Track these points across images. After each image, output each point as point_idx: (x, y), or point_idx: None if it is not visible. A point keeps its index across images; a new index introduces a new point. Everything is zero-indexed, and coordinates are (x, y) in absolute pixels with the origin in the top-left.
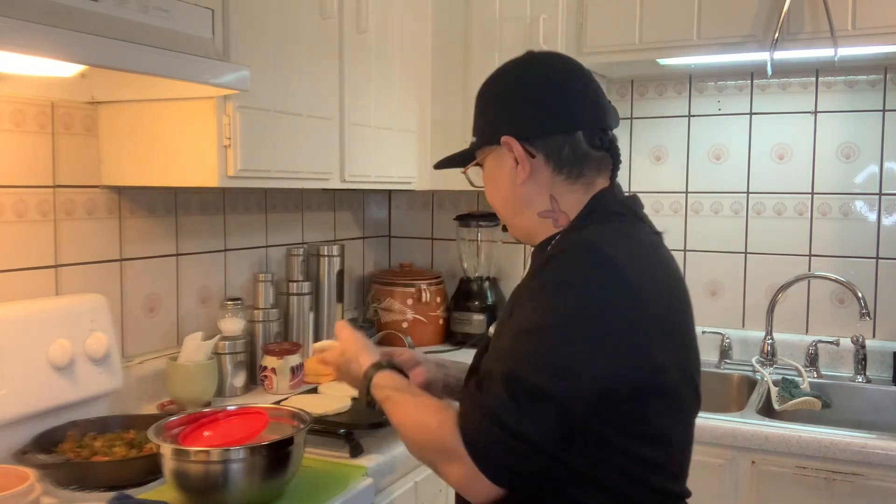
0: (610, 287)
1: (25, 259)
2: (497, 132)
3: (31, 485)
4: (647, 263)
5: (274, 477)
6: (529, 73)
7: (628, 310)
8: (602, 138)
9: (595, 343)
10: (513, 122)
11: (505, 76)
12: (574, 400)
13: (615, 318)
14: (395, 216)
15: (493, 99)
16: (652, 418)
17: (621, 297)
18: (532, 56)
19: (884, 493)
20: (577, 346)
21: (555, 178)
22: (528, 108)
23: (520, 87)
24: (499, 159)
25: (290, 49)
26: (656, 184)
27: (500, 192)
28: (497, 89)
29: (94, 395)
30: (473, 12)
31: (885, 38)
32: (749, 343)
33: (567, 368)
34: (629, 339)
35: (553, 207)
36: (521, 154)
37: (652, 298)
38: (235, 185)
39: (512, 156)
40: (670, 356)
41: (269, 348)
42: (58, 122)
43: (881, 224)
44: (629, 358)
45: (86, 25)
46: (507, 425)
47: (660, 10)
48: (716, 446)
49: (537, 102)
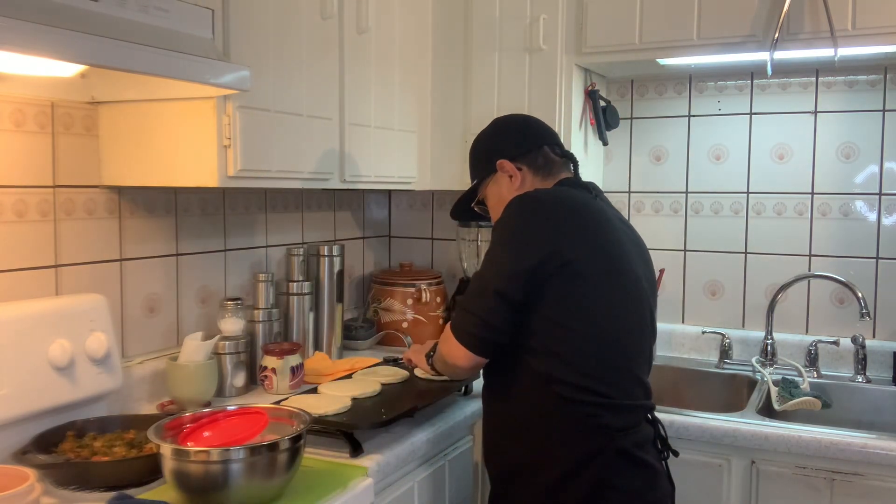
0: (523, 209)
1: (25, 259)
2: (492, 162)
3: (31, 485)
4: (563, 196)
5: (274, 477)
6: (500, 121)
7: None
8: (560, 149)
9: (516, 247)
10: (501, 150)
11: (484, 133)
12: (506, 286)
13: (530, 225)
14: (395, 216)
15: (480, 145)
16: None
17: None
18: (500, 118)
19: (884, 493)
20: (507, 252)
21: (534, 179)
22: (510, 139)
23: (497, 130)
24: (497, 182)
25: (290, 49)
26: (656, 184)
27: (504, 202)
28: (482, 139)
29: (94, 395)
30: (473, 12)
31: (885, 38)
32: (749, 343)
33: (501, 267)
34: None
35: None
36: (513, 168)
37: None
38: (235, 185)
39: (507, 173)
40: (577, 253)
41: (269, 348)
42: (58, 122)
43: (881, 224)
44: (541, 253)
45: (86, 25)
46: (469, 309)
47: (660, 10)
48: (715, 446)
49: (513, 134)
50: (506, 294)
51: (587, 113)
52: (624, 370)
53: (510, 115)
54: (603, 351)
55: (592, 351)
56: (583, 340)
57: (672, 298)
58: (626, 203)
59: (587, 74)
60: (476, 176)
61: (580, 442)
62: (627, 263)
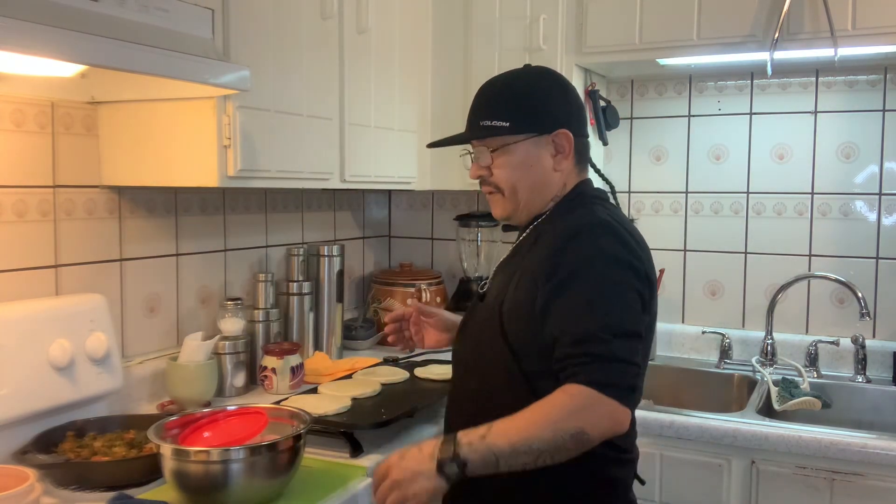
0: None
1: (25, 259)
2: (552, 124)
3: (31, 485)
4: (634, 234)
5: (274, 477)
6: (568, 84)
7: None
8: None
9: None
10: (568, 118)
11: (546, 83)
12: (641, 329)
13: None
14: (395, 216)
15: (538, 95)
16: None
17: (633, 258)
18: (554, 71)
19: (884, 493)
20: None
21: (573, 170)
22: (576, 112)
23: (570, 93)
24: (537, 147)
25: (290, 49)
26: (656, 184)
27: (531, 176)
28: (543, 89)
29: (94, 395)
30: (473, 12)
31: (885, 38)
32: (749, 343)
33: (631, 313)
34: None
35: (561, 194)
36: (571, 146)
37: (644, 259)
38: (235, 185)
39: (552, 146)
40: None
41: (269, 348)
42: (58, 122)
43: (881, 224)
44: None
45: (86, 25)
46: (622, 358)
47: (660, 10)
48: (716, 446)
49: (580, 109)
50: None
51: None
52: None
53: (567, 80)
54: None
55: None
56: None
57: (672, 298)
58: (626, 203)
59: (587, 74)
60: (511, 120)
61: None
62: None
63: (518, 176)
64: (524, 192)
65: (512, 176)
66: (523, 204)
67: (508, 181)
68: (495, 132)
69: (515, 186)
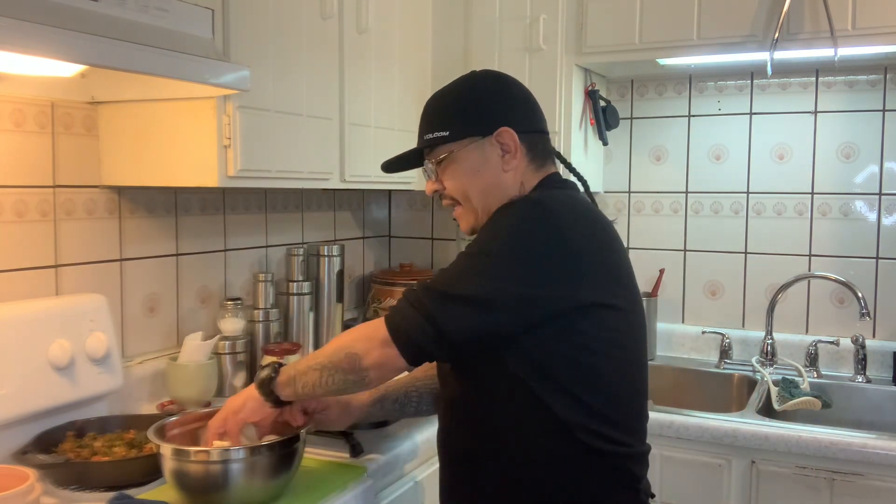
0: (539, 223)
1: (25, 259)
2: (492, 124)
3: (31, 485)
4: (581, 214)
5: (274, 477)
6: (509, 81)
7: (552, 241)
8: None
9: (522, 267)
10: (508, 116)
11: (481, 83)
12: (493, 295)
13: (539, 245)
14: (395, 216)
15: (474, 95)
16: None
17: (548, 233)
18: (496, 72)
19: (884, 493)
20: (507, 267)
21: (527, 168)
22: (521, 108)
23: (503, 87)
24: (481, 150)
25: (290, 49)
26: (656, 184)
27: (481, 181)
28: (479, 89)
29: (94, 395)
30: (473, 12)
31: (885, 38)
32: (749, 343)
33: (494, 284)
34: (555, 267)
35: (520, 192)
36: (517, 144)
37: (579, 237)
38: (235, 185)
39: (498, 146)
40: (591, 284)
41: (269, 348)
42: (58, 122)
43: (881, 224)
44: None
45: (86, 25)
46: (428, 312)
47: (660, 10)
48: (715, 446)
49: (526, 103)
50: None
51: (587, 113)
52: (642, 412)
53: (510, 77)
54: (626, 391)
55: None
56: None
57: (672, 298)
58: (626, 203)
59: (587, 74)
60: (450, 129)
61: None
62: (635, 283)
63: (467, 182)
64: (477, 197)
65: (462, 184)
66: (481, 210)
67: (459, 189)
68: (437, 142)
69: (467, 193)
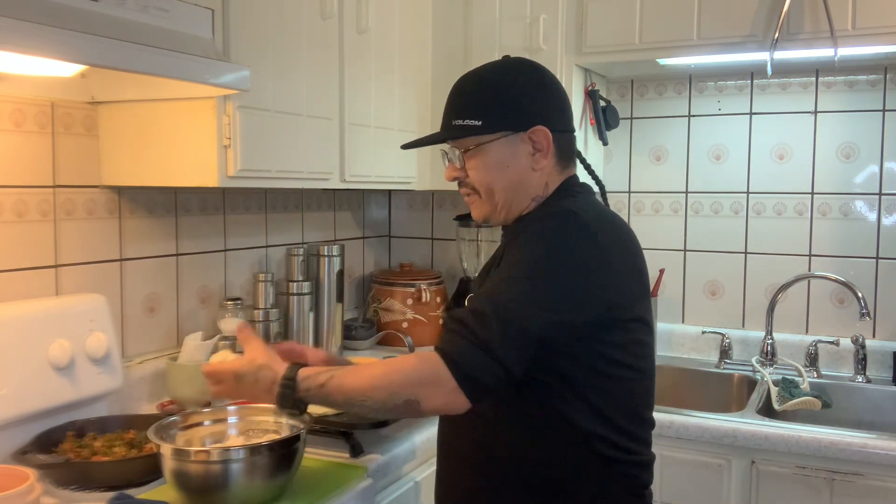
0: (580, 241)
1: (25, 259)
2: (528, 121)
3: (31, 485)
4: (612, 225)
5: (274, 477)
6: (547, 77)
7: (594, 260)
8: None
9: (566, 285)
10: (546, 114)
11: (522, 77)
12: (549, 332)
13: (583, 264)
14: (395, 216)
15: (513, 90)
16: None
17: (589, 250)
18: (532, 62)
19: (884, 493)
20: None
21: (554, 168)
22: (557, 106)
23: (548, 87)
24: (512, 145)
25: (290, 49)
26: (656, 184)
27: (507, 176)
28: (519, 83)
29: (94, 395)
30: (473, 12)
31: (885, 38)
32: (749, 343)
33: (545, 306)
34: (595, 282)
35: (544, 193)
36: (550, 143)
37: (616, 252)
38: (235, 185)
39: (530, 144)
40: (627, 299)
41: None
42: (58, 122)
43: (881, 224)
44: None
45: (86, 25)
46: (491, 350)
47: (660, 10)
48: (715, 446)
49: (562, 102)
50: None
51: (587, 113)
52: (652, 421)
53: (548, 72)
54: (642, 401)
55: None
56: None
57: (672, 298)
58: (626, 203)
59: (587, 74)
60: (483, 119)
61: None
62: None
63: (493, 177)
64: (501, 193)
65: (487, 177)
66: (501, 205)
67: (483, 182)
68: (467, 132)
69: (491, 188)
